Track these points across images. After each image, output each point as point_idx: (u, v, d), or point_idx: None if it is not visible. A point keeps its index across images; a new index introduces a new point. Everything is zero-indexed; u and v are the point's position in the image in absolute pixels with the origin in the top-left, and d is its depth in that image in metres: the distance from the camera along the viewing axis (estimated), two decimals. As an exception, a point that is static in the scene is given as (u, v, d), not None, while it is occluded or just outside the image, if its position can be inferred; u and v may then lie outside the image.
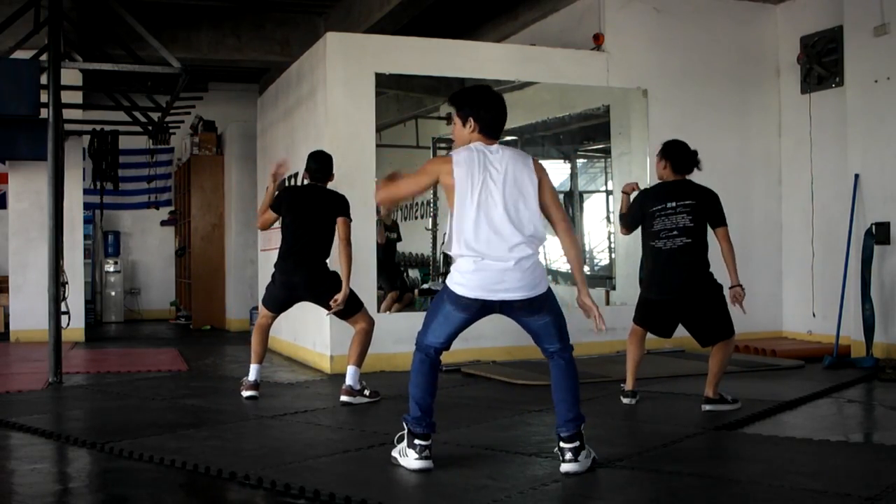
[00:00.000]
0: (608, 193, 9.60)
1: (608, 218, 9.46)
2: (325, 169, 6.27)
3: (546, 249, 10.56)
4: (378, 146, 7.88)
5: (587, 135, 10.09)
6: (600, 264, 9.95)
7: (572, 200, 10.10)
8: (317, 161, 6.28)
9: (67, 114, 8.57)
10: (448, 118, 10.01)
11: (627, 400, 5.77)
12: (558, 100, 9.38)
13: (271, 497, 3.76)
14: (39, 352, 8.06)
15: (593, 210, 10.25)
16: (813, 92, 8.82)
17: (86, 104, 10.54)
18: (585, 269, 10.06)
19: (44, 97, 7.22)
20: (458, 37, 9.28)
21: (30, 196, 10.37)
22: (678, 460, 4.36)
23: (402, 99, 10.16)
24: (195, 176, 12.67)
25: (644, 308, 5.70)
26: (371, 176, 7.73)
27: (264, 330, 6.33)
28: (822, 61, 8.70)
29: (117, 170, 11.18)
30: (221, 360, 8.87)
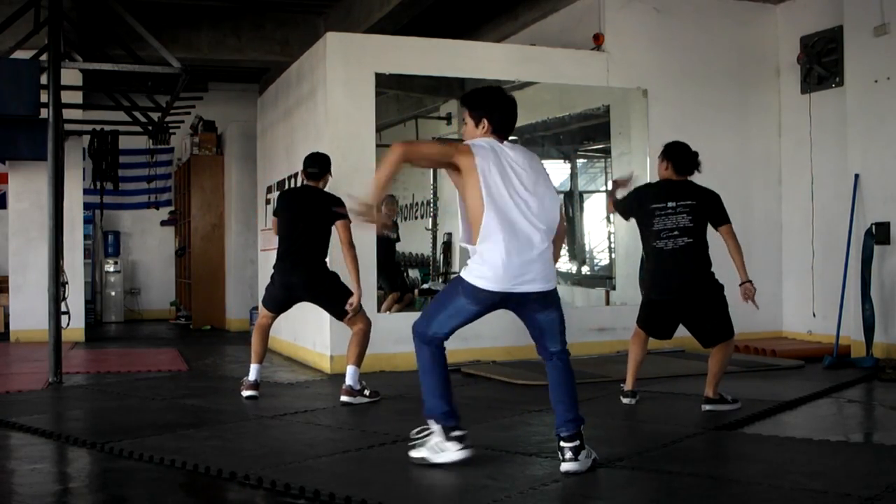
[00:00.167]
0: (608, 193, 9.59)
1: (608, 218, 9.46)
2: (322, 170, 6.28)
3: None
4: (378, 146, 7.87)
5: (587, 135, 10.09)
6: (600, 264, 9.95)
7: (572, 200, 10.10)
8: (313, 162, 6.29)
9: (67, 114, 8.57)
10: (448, 118, 10.04)
11: (627, 400, 5.77)
12: (558, 100, 9.38)
13: (271, 497, 3.76)
14: (39, 352, 8.06)
15: (593, 210, 10.26)
16: (813, 92, 8.82)
17: (86, 104, 10.53)
18: (585, 270, 10.12)
19: (44, 97, 7.22)
20: (458, 37, 9.27)
21: (30, 196, 10.37)
22: (678, 460, 4.36)
23: (402, 99, 10.16)
24: (195, 176, 12.66)
25: (647, 309, 5.70)
26: (371, 176, 7.71)
27: (264, 330, 6.33)
28: (822, 61, 8.69)
29: (117, 170, 11.19)
30: (221, 360, 8.87)
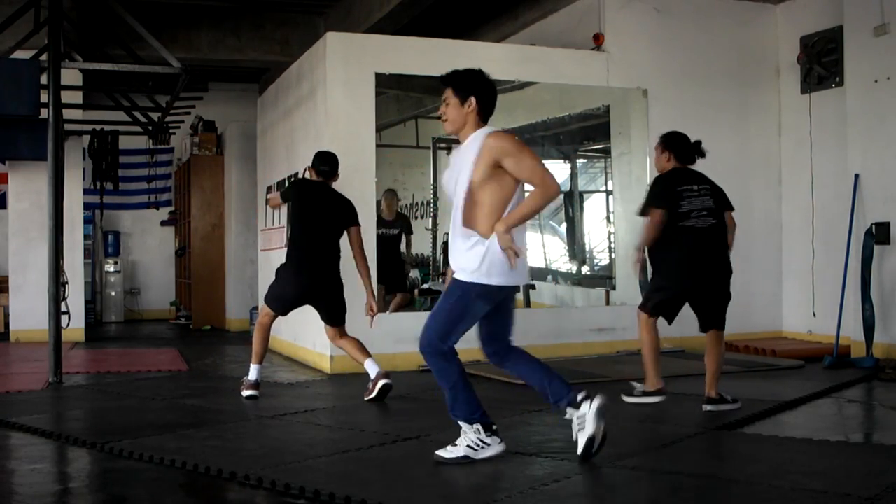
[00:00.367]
0: (608, 193, 9.60)
1: (608, 218, 9.46)
2: (333, 169, 6.28)
3: (547, 249, 10.57)
4: (378, 146, 7.88)
5: (587, 135, 10.08)
6: (600, 264, 9.95)
7: (572, 200, 10.09)
8: (328, 162, 6.27)
9: (67, 114, 8.57)
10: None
11: (660, 399, 5.67)
12: (558, 100, 9.37)
13: (271, 497, 3.76)
14: (39, 352, 8.06)
15: (593, 210, 10.25)
16: (813, 92, 8.82)
17: (86, 104, 10.54)
18: (585, 270, 10.13)
19: (44, 97, 7.21)
20: (458, 37, 9.27)
21: (30, 196, 10.37)
22: (678, 460, 4.36)
23: (402, 99, 10.16)
24: (195, 176, 12.67)
25: (669, 293, 5.59)
26: (371, 176, 7.73)
27: (266, 330, 6.29)
28: (822, 61, 8.70)
29: (117, 170, 11.19)
30: (221, 360, 8.87)
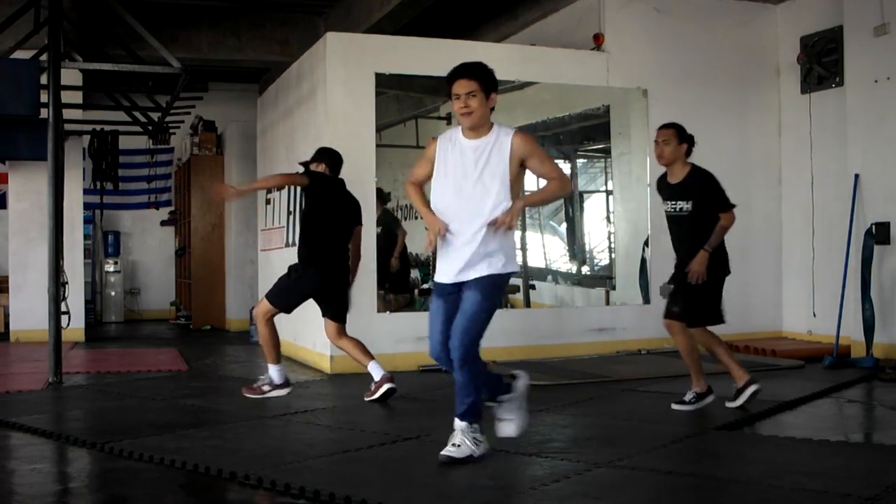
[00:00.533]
0: (608, 193, 9.59)
1: (608, 218, 9.46)
2: (340, 167, 6.31)
3: (547, 249, 10.56)
4: (378, 146, 7.88)
5: (587, 135, 10.08)
6: (600, 264, 9.95)
7: (572, 200, 10.08)
8: (336, 158, 6.28)
9: (67, 114, 8.57)
10: (448, 118, 10.02)
11: (711, 398, 5.57)
12: (558, 100, 9.37)
13: (271, 497, 3.76)
14: (39, 352, 8.06)
15: (593, 210, 10.24)
16: (813, 92, 8.82)
17: (86, 104, 10.54)
18: (585, 270, 10.12)
19: (44, 97, 7.22)
20: (458, 37, 9.28)
21: (30, 196, 10.37)
22: (678, 460, 4.36)
23: (402, 99, 10.14)
24: (195, 176, 12.67)
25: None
26: (371, 176, 7.74)
27: (273, 326, 6.14)
28: (822, 61, 8.69)
29: (117, 170, 11.20)
30: (221, 360, 8.87)
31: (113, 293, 13.86)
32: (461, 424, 4.20)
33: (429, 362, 7.43)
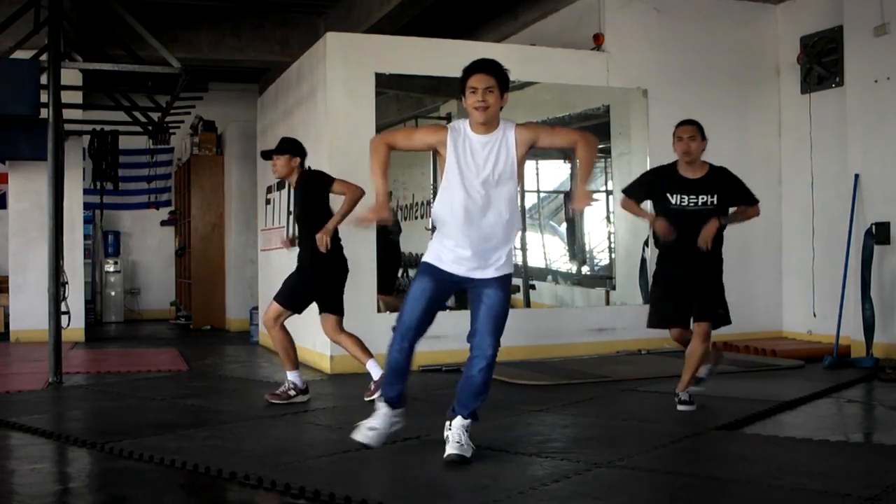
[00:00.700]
0: (608, 193, 9.59)
1: (608, 218, 9.46)
2: None
3: (547, 249, 10.56)
4: (378, 146, 7.86)
5: (587, 135, 10.07)
6: (600, 264, 9.95)
7: (572, 200, 10.10)
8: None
9: (67, 114, 8.57)
10: (448, 118, 10.02)
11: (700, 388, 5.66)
12: (558, 100, 9.37)
13: (271, 497, 3.76)
14: (39, 352, 8.06)
15: (593, 210, 10.24)
16: (813, 92, 8.82)
17: (86, 104, 10.54)
18: (585, 270, 10.13)
19: (44, 97, 7.22)
20: (458, 37, 9.27)
21: (30, 196, 10.37)
22: (678, 460, 4.36)
23: (402, 99, 10.15)
24: (195, 176, 12.67)
25: None
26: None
27: (285, 329, 6.03)
28: (822, 61, 8.70)
29: (117, 170, 11.20)
30: (221, 360, 8.87)
31: (113, 293, 13.86)
32: (464, 422, 4.20)
33: (429, 362, 7.48)
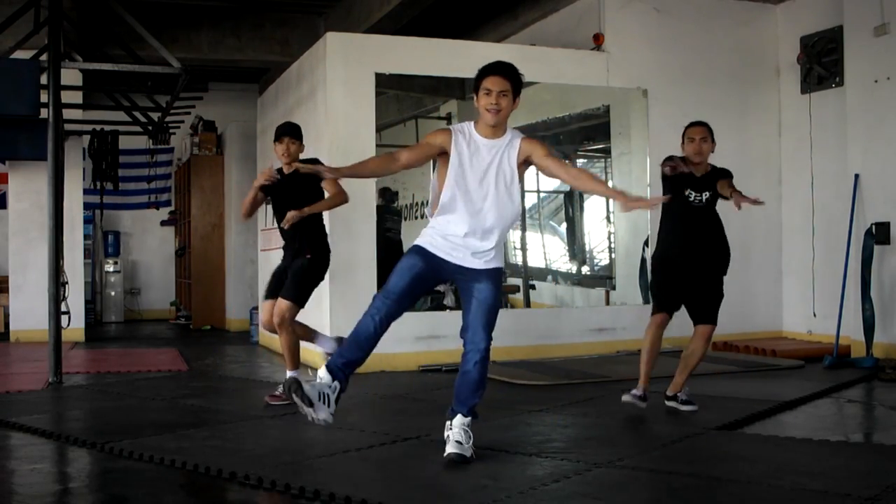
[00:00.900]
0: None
1: (608, 218, 9.46)
2: None
3: (547, 249, 10.57)
4: (378, 146, 7.87)
5: (587, 135, 10.08)
6: (600, 264, 9.95)
7: (572, 200, 10.09)
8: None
9: (67, 114, 8.57)
10: (448, 118, 10.03)
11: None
12: (558, 100, 9.37)
13: (271, 497, 3.76)
14: (39, 352, 8.06)
15: (593, 210, 10.24)
16: (813, 92, 8.82)
17: (86, 104, 10.54)
18: (585, 270, 10.13)
19: (44, 97, 7.21)
20: (458, 37, 9.27)
21: (30, 196, 10.37)
22: (678, 460, 4.36)
23: (402, 99, 10.16)
24: (195, 176, 12.67)
25: None
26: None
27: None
28: (822, 61, 8.70)
29: (117, 170, 11.20)
30: (221, 360, 8.86)
31: (113, 293, 13.87)
32: (465, 420, 4.20)
33: (429, 362, 7.48)
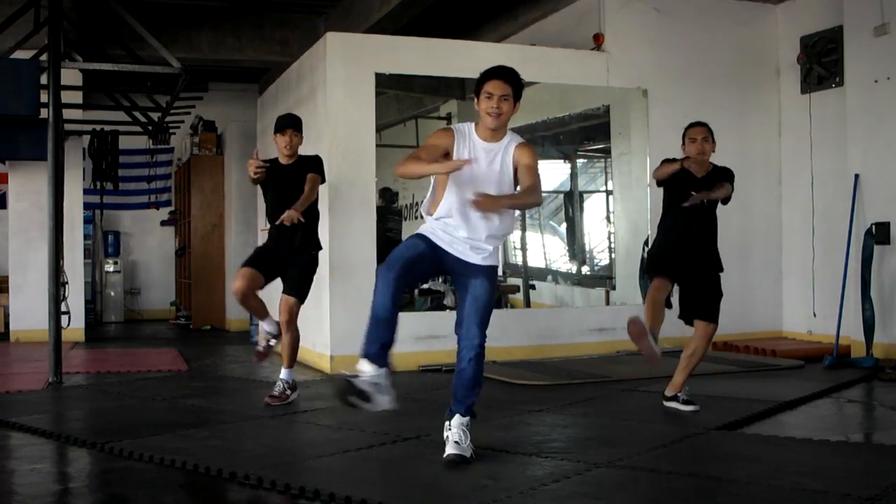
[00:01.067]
0: (608, 193, 9.60)
1: (608, 218, 9.46)
2: None
3: (547, 249, 10.56)
4: (378, 146, 7.87)
5: (587, 135, 10.08)
6: (600, 264, 9.95)
7: (572, 200, 10.10)
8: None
9: (67, 114, 8.56)
10: (448, 118, 10.03)
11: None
12: (558, 100, 9.37)
13: (271, 497, 3.77)
14: (39, 352, 8.06)
15: (593, 210, 10.25)
16: (813, 92, 8.82)
17: (86, 104, 10.54)
18: (585, 270, 10.13)
19: (44, 97, 7.21)
20: (458, 37, 9.27)
21: (30, 196, 10.37)
22: (678, 460, 4.36)
23: (402, 99, 10.16)
24: (195, 176, 12.67)
25: None
26: (371, 176, 7.73)
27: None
28: (822, 61, 8.70)
29: (117, 170, 11.20)
30: (221, 360, 8.86)
31: (113, 293, 13.86)
32: (463, 420, 4.21)
33: (429, 362, 7.48)
